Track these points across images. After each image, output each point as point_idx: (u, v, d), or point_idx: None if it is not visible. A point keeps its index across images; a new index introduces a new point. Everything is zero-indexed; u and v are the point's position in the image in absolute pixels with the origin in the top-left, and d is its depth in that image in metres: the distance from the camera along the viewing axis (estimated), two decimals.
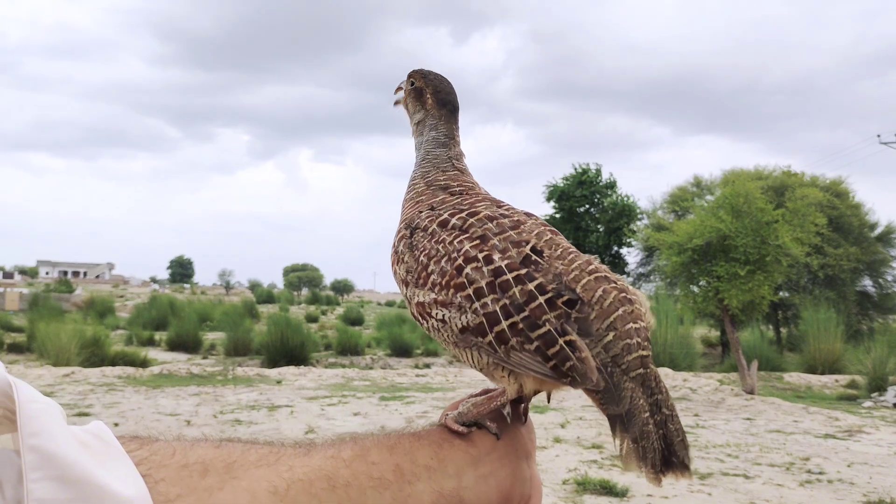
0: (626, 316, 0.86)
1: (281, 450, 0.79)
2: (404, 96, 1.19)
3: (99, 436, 0.67)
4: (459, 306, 0.89)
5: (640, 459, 0.81)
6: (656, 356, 15.24)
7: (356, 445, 0.84)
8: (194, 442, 0.77)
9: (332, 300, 64.62)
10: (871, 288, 25.55)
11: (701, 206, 14.85)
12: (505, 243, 0.91)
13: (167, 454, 0.71)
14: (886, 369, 13.28)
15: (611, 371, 0.84)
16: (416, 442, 0.87)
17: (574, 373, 0.82)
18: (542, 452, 7.38)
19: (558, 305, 0.85)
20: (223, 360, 18.30)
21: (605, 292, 0.87)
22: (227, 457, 0.75)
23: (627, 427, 0.81)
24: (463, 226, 0.96)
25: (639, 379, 0.84)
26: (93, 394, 10.97)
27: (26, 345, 18.85)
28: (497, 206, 1.02)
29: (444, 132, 1.14)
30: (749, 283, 11.76)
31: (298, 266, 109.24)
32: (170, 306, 29.76)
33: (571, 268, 0.89)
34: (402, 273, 1.00)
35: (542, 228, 0.96)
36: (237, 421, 9.06)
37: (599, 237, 28.86)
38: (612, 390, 0.83)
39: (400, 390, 12.45)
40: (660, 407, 0.83)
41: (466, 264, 0.90)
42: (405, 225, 1.04)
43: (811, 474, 6.91)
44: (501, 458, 0.90)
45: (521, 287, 0.86)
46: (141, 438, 0.74)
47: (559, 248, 0.93)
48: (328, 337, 24.46)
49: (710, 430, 9.17)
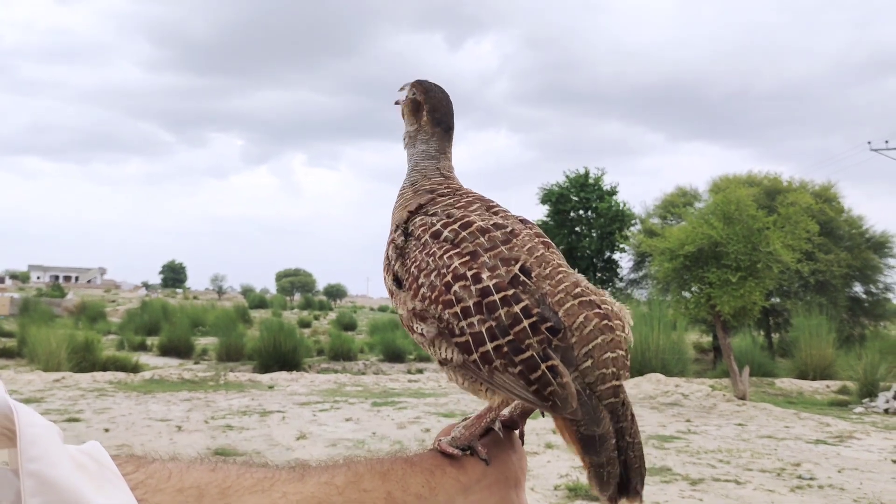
0: (605, 345, 0.88)
1: (276, 474, 0.79)
2: (404, 104, 1.19)
3: (96, 458, 0.68)
4: (447, 322, 0.90)
5: (602, 484, 0.84)
6: (648, 361, 15.36)
7: (349, 471, 0.84)
8: (190, 464, 0.77)
9: (324, 305, 64.42)
10: (862, 294, 25.68)
11: (692, 213, 14.89)
12: (495, 261, 0.92)
13: (163, 477, 0.72)
14: (877, 375, 13.35)
15: (588, 395, 0.85)
16: (409, 469, 0.87)
17: (555, 398, 0.84)
18: (533, 458, 7.38)
19: (542, 330, 0.86)
20: (215, 366, 18.21)
21: (587, 319, 0.88)
22: (222, 481, 0.75)
23: (598, 451, 0.84)
24: (455, 239, 0.96)
25: (610, 407, 0.86)
26: (83, 399, 10.90)
27: (17, 350, 18.72)
28: (489, 209, 1.02)
29: (436, 147, 1.14)
30: (741, 290, 11.81)
31: (291, 271, 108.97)
32: (162, 311, 29.61)
33: (557, 290, 0.90)
34: (390, 283, 1.01)
35: (535, 242, 0.96)
36: (228, 427, 9.02)
37: (592, 242, 28.89)
38: (589, 413, 0.84)
39: (392, 396, 12.43)
40: (623, 434, 0.86)
41: (455, 281, 0.90)
42: (396, 228, 1.04)
43: (802, 480, 6.93)
44: (490, 486, 0.91)
45: (507, 309, 0.87)
46: (137, 459, 0.74)
47: (549, 265, 0.93)
48: (321, 342, 24.36)
49: (701, 436, 9.20)
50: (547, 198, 29.98)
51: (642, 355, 15.38)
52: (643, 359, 15.33)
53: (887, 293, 25.14)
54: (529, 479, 6.54)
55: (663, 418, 10.59)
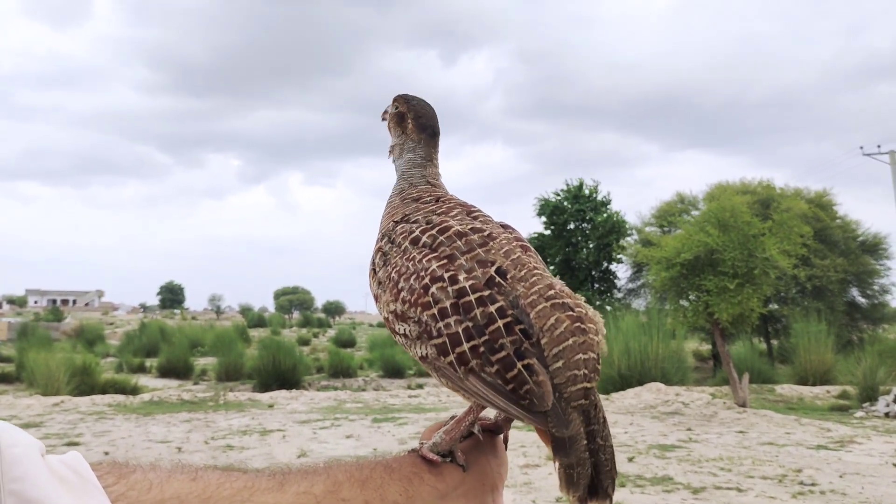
0: (576, 347, 0.88)
1: (256, 482, 0.81)
2: (389, 118, 1.23)
3: (77, 470, 0.69)
4: (425, 325, 0.91)
5: (571, 485, 0.84)
6: (648, 371, 15.34)
7: (329, 479, 0.86)
8: (171, 473, 0.78)
9: (323, 322, 64.29)
10: (859, 298, 25.72)
11: (687, 221, 14.95)
12: (471, 263, 0.94)
13: (144, 488, 0.73)
14: (877, 379, 13.36)
15: (557, 397, 0.86)
16: (388, 476, 0.90)
17: (531, 396, 0.84)
18: (534, 470, 7.38)
19: (516, 331, 0.87)
20: (215, 386, 18.17)
21: (558, 321, 0.89)
22: (202, 492, 0.77)
23: (568, 453, 0.84)
24: (433, 244, 0.98)
25: (579, 409, 0.86)
26: (83, 422, 10.86)
27: (15, 374, 18.64)
28: (469, 214, 1.04)
29: (422, 154, 1.17)
30: (738, 297, 11.83)
31: (289, 289, 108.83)
32: (160, 332, 29.55)
33: (531, 292, 0.91)
34: (375, 287, 1.04)
35: (513, 245, 0.98)
36: (229, 446, 8.99)
37: (590, 253, 28.94)
38: (558, 416, 0.85)
39: (392, 412, 12.40)
40: (594, 437, 0.86)
41: (433, 284, 0.92)
42: (382, 237, 1.07)
43: (804, 486, 6.92)
44: (467, 493, 0.93)
45: (482, 309, 0.88)
46: (119, 468, 0.75)
47: (524, 268, 0.94)
48: (320, 359, 24.32)
49: (702, 444, 9.19)
50: (543, 210, 30.11)
51: (642, 364, 15.37)
52: (643, 368, 15.32)
53: (884, 296, 25.20)
54: (530, 492, 6.53)
55: (664, 427, 10.58)
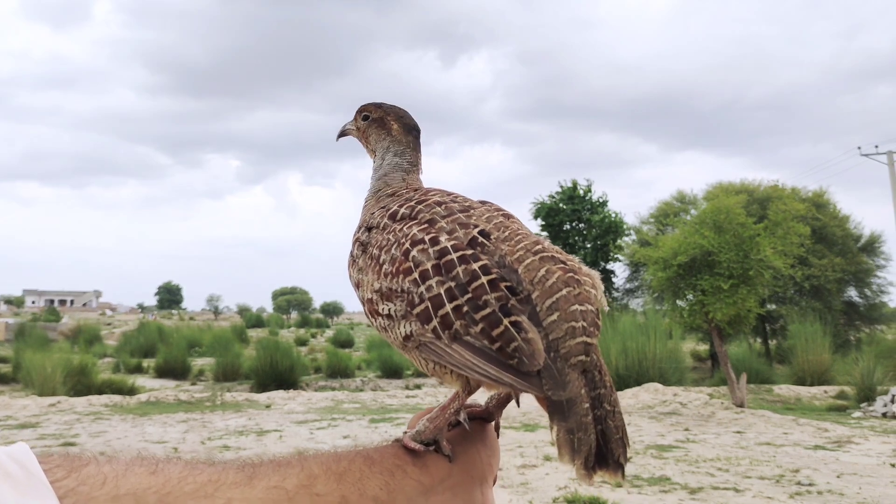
0: (571, 297, 0.82)
1: (222, 476, 0.74)
2: (362, 129, 1.20)
3: (23, 464, 0.64)
4: (407, 292, 0.86)
5: (574, 452, 0.75)
6: (646, 371, 15.35)
7: (302, 472, 0.79)
8: (128, 466, 0.72)
9: (321, 323, 64.39)
10: (857, 298, 25.76)
11: (684, 222, 14.96)
12: (453, 225, 0.91)
13: (97, 483, 0.67)
14: (874, 379, 13.38)
15: (553, 356, 0.79)
16: (368, 469, 0.82)
17: (520, 354, 0.78)
18: (532, 470, 7.36)
19: (501, 288, 0.82)
20: (212, 386, 18.14)
21: (549, 272, 0.84)
22: (161, 487, 0.70)
23: (566, 416, 0.76)
24: (412, 213, 0.96)
25: (579, 366, 0.79)
26: (79, 423, 10.83)
27: (12, 375, 18.64)
28: (448, 195, 1.01)
29: (409, 160, 1.15)
30: (733, 297, 11.85)
31: (287, 289, 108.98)
32: (158, 333, 29.52)
33: (517, 248, 0.87)
34: (356, 274, 0.99)
35: (494, 213, 0.95)
36: (225, 447, 8.97)
37: (587, 254, 28.97)
38: (554, 375, 0.78)
39: (390, 412, 12.38)
40: (602, 401, 0.79)
41: (413, 247, 0.88)
42: (359, 228, 1.04)
43: (801, 486, 6.92)
44: (454, 486, 0.85)
45: (464, 267, 0.84)
46: (70, 461, 0.69)
47: (507, 230, 0.91)
48: (318, 360, 24.32)
49: (700, 444, 9.18)
50: (538, 213, 30.18)
51: (640, 365, 15.38)
52: (640, 368, 15.33)
53: (882, 296, 25.24)
54: (528, 492, 6.52)
55: (662, 427, 10.57)
